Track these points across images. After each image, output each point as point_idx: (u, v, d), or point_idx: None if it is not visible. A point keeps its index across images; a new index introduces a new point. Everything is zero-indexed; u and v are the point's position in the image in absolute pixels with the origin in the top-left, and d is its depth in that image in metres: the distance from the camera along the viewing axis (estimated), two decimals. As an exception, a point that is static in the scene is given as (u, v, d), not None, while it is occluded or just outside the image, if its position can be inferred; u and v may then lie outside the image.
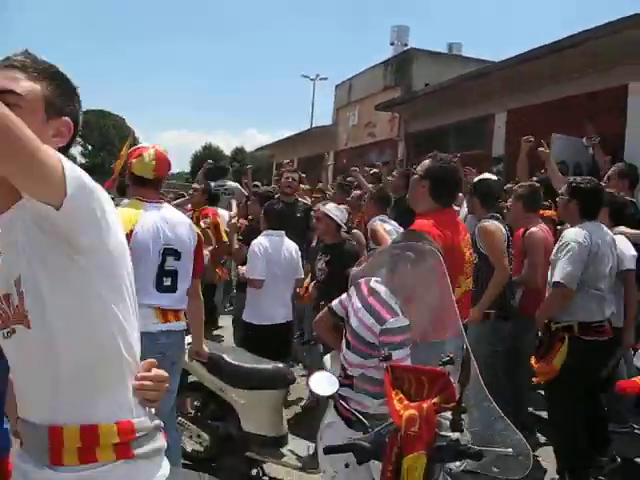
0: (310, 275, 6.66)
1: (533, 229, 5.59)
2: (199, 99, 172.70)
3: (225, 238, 7.79)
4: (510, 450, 2.44)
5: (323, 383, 2.98)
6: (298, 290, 6.42)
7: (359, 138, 20.91)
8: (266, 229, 6.13)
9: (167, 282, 3.67)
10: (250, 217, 8.34)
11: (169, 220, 3.73)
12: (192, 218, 7.90)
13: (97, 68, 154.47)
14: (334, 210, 6.28)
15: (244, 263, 6.19)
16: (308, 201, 8.86)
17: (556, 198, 5.31)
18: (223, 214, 8.96)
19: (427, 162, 4.14)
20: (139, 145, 3.83)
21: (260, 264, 5.87)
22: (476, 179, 5.86)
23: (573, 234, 4.62)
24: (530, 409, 6.04)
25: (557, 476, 4.86)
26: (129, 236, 3.43)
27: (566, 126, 10.53)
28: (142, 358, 3.48)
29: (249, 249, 6.02)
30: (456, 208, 7.00)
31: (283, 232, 6.13)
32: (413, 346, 3.04)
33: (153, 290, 3.62)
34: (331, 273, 6.00)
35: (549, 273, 4.75)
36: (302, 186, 10.15)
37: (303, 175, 11.27)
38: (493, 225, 5.41)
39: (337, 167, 18.96)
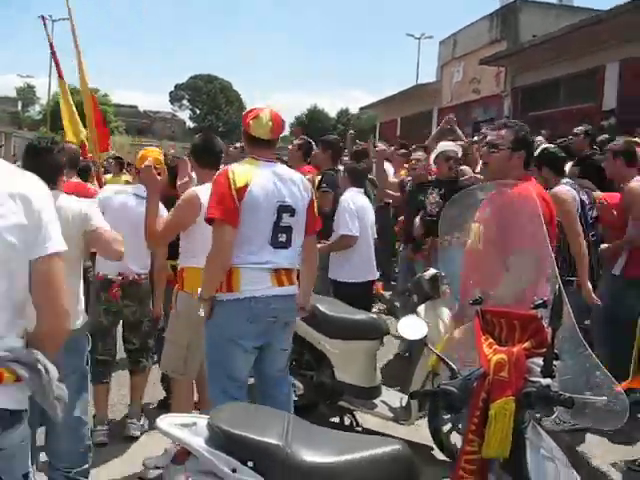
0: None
1: (632, 184, 5.22)
2: (304, 61, 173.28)
3: None
4: (605, 399, 2.32)
5: (411, 327, 2.94)
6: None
7: (463, 95, 20.36)
8: (349, 187, 6.17)
9: (282, 238, 3.71)
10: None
11: (282, 177, 3.76)
12: None
13: (204, 34, 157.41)
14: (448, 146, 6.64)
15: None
16: None
17: None
18: None
19: None
20: (253, 107, 3.85)
21: (353, 220, 5.86)
22: (539, 149, 5.53)
23: None
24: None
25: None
26: (243, 191, 3.54)
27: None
28: (255, 321, 3.57)
29: (339, 207, 6.00)
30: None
31: (362, 190, 6.27)
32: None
33: (268, 246, 3.66)
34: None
35: None
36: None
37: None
38: (564, 192, 5.06)
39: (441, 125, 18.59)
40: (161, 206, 4.31)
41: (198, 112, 77.72)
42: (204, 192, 4.15)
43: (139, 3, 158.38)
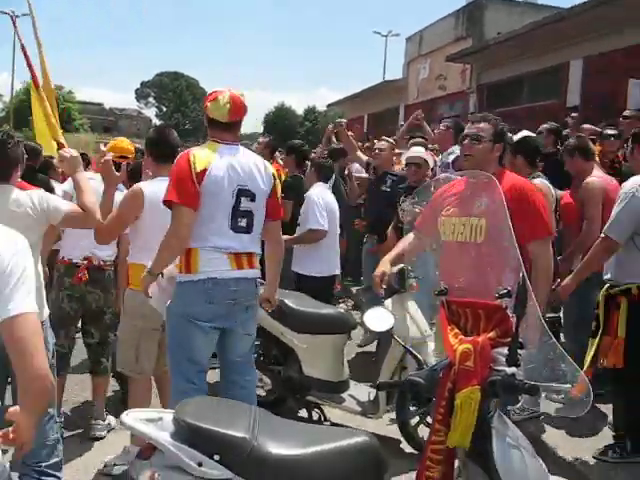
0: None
1: (589, 179, 5.23)
2: (271, 59, 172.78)
3: None
4: (569, 386, 2.35)
5: (378, 319, 2.94)
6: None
7: (429, 91, 20.52)
8: (316, 182, 6.18)
9: (242, 223, 3.71)
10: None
11: (243, 161, 3.75)
12: None
13: (169, 30, 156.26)
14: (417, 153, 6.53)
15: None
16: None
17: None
18: None
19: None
20: (214, 89, 3.84)
21: (323, 215, 5.87)
22: (517, 137, 5.57)
23: (631, 182, 4.33)
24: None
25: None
26: (202, 175, 3.55)
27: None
28: (214, 303, 3.55)
29: (308, 201, 5.98)
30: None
31: (329, 184, 6.30)
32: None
33: (228, 230, 3.66)
34: None
35: None
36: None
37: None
38: (542, 184, 5.07)
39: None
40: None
41: (164, 110, 77.11)
42: (149, 186, 4.14)
43: (105, 1, 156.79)
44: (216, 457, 2.33)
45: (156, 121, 74.46)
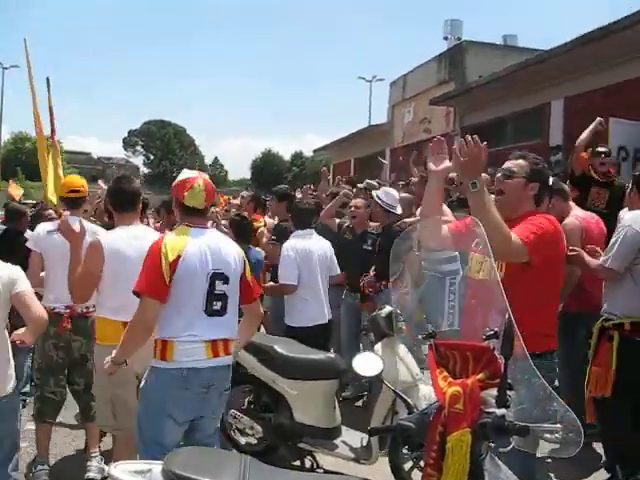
0: None
1: (567, 220, 5.33)
2: (258, 105, 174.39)
3: None
4: (559, 426, 2.33)
5: (367, 364, 2.93)
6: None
7: (415, 134, 20.72)
8: (294, 229, 6.19)
9: (216, 306, 3.69)
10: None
11: (215, 245, 3.76)
12: None
13: (157, 76, 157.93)
14: (382, 195, 6.59)
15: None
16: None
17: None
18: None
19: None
20: (186, 176, 3.83)
21: (291, 269, 5.84)
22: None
23: (630, 217, 4.43)
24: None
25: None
26: (175, 263, 3.52)
27: (626, 110, 10.19)
28: (188, 390, 3.52)
29: (281, 254, 5.98)
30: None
31: (312, 230, 6.16)
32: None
33: (202, 314, 3.63)
34: (382, 253, 5.92)
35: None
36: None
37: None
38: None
39: (394, 165, 18.81)
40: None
41: (152, 158, 77.49)
42: (107, 237, 4.22)
43: (90, 50, 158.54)
44: (206, 508, 2.30)
45: (144, 169, 74.85)
